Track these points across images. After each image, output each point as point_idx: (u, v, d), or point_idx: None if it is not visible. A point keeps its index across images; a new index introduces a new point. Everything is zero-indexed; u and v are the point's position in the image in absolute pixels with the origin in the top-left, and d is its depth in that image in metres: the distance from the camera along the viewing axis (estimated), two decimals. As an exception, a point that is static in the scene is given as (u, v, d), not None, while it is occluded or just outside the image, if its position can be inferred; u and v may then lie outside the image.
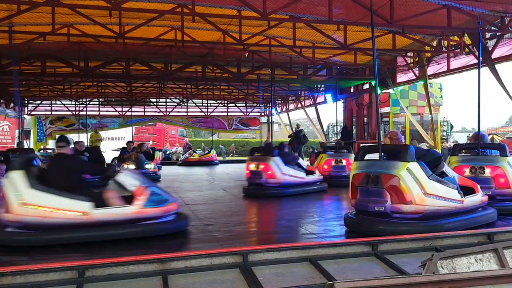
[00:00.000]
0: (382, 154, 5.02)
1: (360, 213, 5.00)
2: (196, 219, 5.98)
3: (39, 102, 21.03)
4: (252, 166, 8.63)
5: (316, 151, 14.72)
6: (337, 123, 13.16)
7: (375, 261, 3.59)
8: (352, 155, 9.73)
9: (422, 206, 4.59)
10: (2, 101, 17.77)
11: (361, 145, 10.23)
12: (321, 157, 10.63)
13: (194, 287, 3.05)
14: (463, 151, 6.64)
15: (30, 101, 20.84)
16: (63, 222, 4.49)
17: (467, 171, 6.10)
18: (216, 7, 8.54)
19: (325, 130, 21.00)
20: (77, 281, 3.04)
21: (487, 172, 5.98)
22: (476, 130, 6.22)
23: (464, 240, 4.00)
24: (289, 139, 17.58)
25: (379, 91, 13.71)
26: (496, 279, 1.84)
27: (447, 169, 5.29)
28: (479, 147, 6.18)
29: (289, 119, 23.15)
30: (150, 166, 12.14)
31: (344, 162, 10.17)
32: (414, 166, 4.67)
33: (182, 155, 22.12)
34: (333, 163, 10.19)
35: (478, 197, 5.29)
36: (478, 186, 5.37)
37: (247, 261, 3.40)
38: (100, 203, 4.67)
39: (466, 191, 5.13)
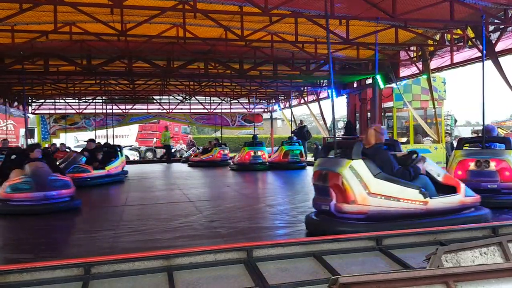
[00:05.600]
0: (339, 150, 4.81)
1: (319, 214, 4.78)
2: (200, 216, 6.01)
3: (42, 100, 21.11)
4: None
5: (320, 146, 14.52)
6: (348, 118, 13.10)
7: (380, 256, 3.59)
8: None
9: (365, 207, 4.31)
10: (6, 100, 17.83)
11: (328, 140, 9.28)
12: None
13: (199, 283, 3.06)
14: (467, 145, 6.63)
15: (34, 100, 20.91)
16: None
17: (472, 165, 6.09)
18: (217, 3, 8.53)
19: (328, 125, 20.96)
20: (83, 277, 3.06)
21: (492, 165, 5.96)
22: (481, 123, 6.19)
23: (469, 234, 3.98)
24: (292, 134, 17.58)
25: (382, 86, 13.69)
26: (501, 272, 1.84)
27: (430, 166, 4.95)
28: (484, 140, 6.17)
29: (292, 115, 23.12)
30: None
31: None
32: (358, 163, 4.40)
33: (186, 152, 22.15)
34: None
35: (457, 198, 4.77)
36: (461, 186, 4.85)
37: (251, 256, 3.41)
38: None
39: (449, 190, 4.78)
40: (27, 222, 6.04)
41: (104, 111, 22.25)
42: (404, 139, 15.14)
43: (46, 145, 20.02)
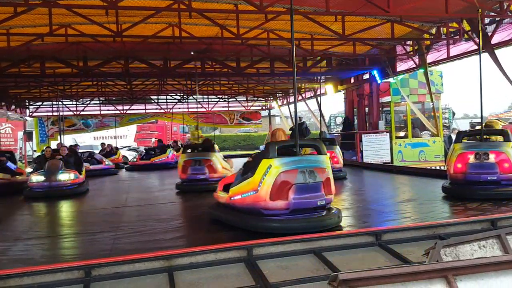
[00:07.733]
0: None
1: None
2: (199, 215, 6.01)
3: (40, 103, 21.06)
4: None
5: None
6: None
7: (379, 251, 3.60)
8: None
9: None
10: (3, 103, 17.79)
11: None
12: None
13: (200, 282, 3.06)
14: (465, 138, 6.64)
15: (31, 103, 20.87)
16: None
17: (471, 158, 6.11)
18: (212, 2, 8.51)
19: (326, 121, 20.97)
20: (83, 280, 3.06)
21: (492, 157, 5.98)
22: (479, 116, 6.20)
23: (468, 227, 4.00)
24: (290, 132, 17.57)
25: (379, 81, 13.68)
26: (500, 265, 1.84)
27: None
28: (482, 133, 6.19)
29: (290, 112, 23.09)
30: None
31: None
32: None
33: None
34: None
35: None
36: None
37: (251, 255, 3.42)
38: None
39: None
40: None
41: (102, 112, 22.29)
42: (402, 133, 15.16)
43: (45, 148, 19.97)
